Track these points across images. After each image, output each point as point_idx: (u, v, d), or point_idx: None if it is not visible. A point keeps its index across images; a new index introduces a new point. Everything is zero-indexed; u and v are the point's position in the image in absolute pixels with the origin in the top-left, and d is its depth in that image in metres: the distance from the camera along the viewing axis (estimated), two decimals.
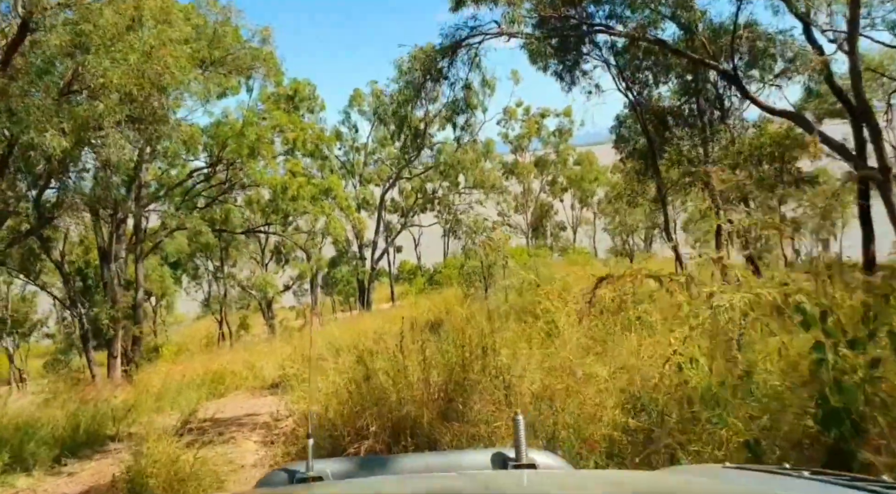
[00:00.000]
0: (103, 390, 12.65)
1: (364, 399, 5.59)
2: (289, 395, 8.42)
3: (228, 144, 16.94)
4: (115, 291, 15.32)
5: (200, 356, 16.08)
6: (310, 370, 12.39)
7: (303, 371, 10.40)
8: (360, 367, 6.07)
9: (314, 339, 18.71)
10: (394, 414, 5.30)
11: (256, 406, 11.22)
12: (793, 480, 1.17)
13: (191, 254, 31.25)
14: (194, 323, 43.02)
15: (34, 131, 10.65)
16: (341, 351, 14.14)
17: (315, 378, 7.39)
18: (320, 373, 8.05)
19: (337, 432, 5.50)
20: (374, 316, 24.93)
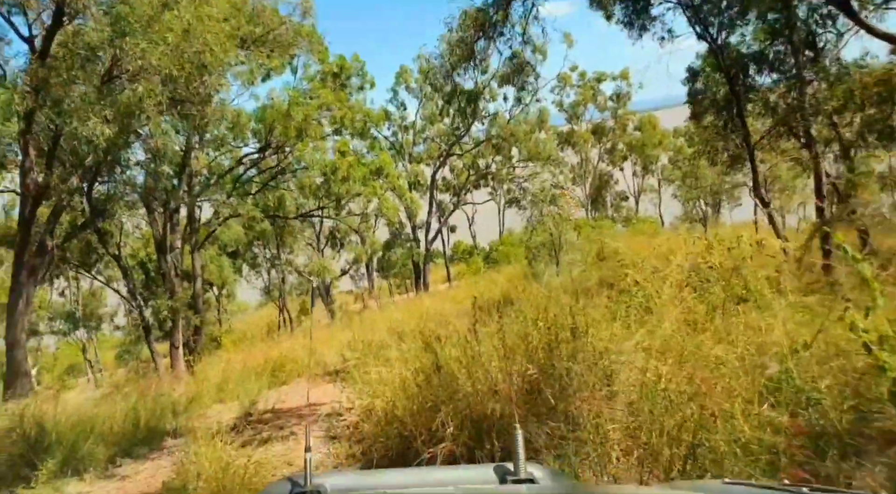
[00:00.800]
0: (164, 381, 12.48)
1: (436, 394, 4.81)
2: (350, 385, 7.80)
3: (275, 126, 16.43)
4: (173, 282, 15.16)
5: (261, 343, 15.83)
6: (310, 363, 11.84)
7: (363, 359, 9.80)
8: (429, 355, 5.30)
9: (375, 322, 18.25)
10: (474, 411, 4.50)
11: (318, 395, 10.71)
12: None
13: (248, 243, 31.43)
14: (256, 311, 43.74)
15: (77, 121, 10.30)
16: (404, 336, 13.49)
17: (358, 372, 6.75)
18: (382, 362, 7.36)
19: (407, 431, 4.76)
20: (432, 298, 24.29)
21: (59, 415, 7.63)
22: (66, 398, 9.04)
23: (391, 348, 7.86)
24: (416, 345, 6.04)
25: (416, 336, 8.52)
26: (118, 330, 30.47)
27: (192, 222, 17.04)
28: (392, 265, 36.36)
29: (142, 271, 23.72)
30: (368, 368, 6.37)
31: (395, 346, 7.23)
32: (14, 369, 11.20)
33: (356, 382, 6.41)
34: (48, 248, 11.93)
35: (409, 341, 7.83)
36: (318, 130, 16.23)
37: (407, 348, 6.23)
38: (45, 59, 10.77)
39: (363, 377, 6.28)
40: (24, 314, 11.35)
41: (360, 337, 15.19)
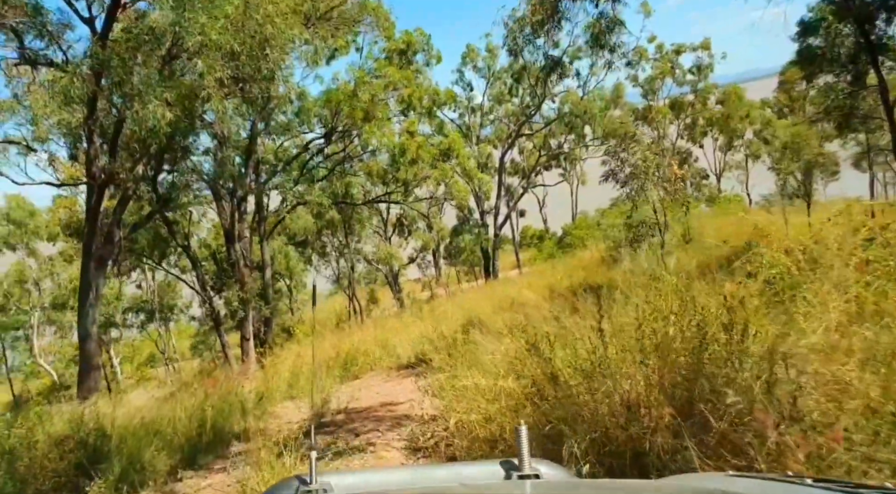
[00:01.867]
0: (234, 376, 12.04)
1: (555, 411, 3.73)
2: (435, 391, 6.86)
3: (341, 109, 15.68)
4: (242, 272, 14.73)
5: (332, 335, 15.24)
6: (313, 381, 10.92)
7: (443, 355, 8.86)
8: (536, 359, 4.21)
9: (447, 311, 17.34)
10: (610, 438, 3.41)
11: (393, 392, 9.90)
12: (796, 487, 1.17)
13: (317, 232, 31.27)
14: (327, 300, 43.98)
15: (138, 104, 9.77)
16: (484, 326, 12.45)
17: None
18: (468, 359, 6.36)
19: None
20: (504, 285, 23.14)
21: (121, 418, 7.10)
22: (130, 398, 8.53)
23: (476, 343, 6.87)
24: (512, 343, 5.00)
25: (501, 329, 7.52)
26: (194, 321, 31.08)
27: (261, 211, 16.60)
28: (460, 252, 35.40)
29: (213, 262, 23.83)
30: (456, 370, 5.41)
31: (483, 340, 6.23)
32: (86, 362, 10.95)
33: (443, 389, 5.45)
34: (116, 238, 11.60)
35: (494, 334, 6.82)
36: (385, 111, 15.36)
37: (503, 349, 5.15)
38: (106, 41, 10.31)
39: (451, 383, 5.31)
40: (94, 306, 11.06)
41: (436, 328, 14.32)
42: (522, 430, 1.53)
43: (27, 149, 12.31)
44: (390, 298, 35.49)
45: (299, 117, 16.60)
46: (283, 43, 10.93)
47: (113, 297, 22.91)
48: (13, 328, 25.75)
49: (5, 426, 6.20)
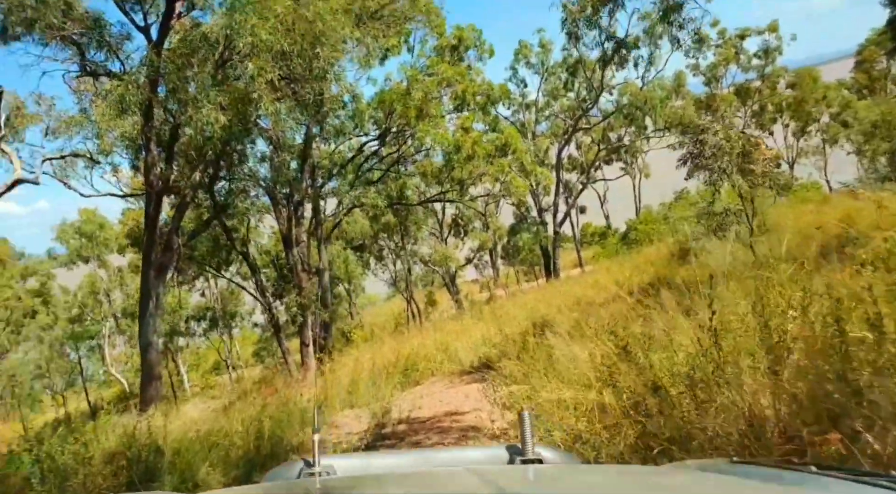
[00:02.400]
0: (293, 383, 11.83)
1: (662, 430, 3.08)
2: (499, 393, 6.28)
3: (395, 108, 15.33)
4: (300, 277, 14.57)
5: (391, 339, 14.90)
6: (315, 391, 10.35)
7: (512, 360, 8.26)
8: (630, 366, 3.56)
9: (508, 312, 16.72)
10: None
11: (457, 400, 9.37)
12: (800, 475, 1.16)
13: (374, 235, 31.21)
14: (385, 304, 44.00)
15: (192, 109, 9.63)
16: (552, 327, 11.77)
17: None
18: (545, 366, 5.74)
19: None
20: (567, 284, 22.28)
21: (176, 431, 6.85)
22: (187, 409, 8.32)
23: (551, 347, 6.23)
24: (598, 347, 4.36)
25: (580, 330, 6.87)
26: (256, 327, 31.57)
27: (317, 215, 16.44)
28: (518, 251, 34.62)
29: (274, 268, 24.03)
30: (531, 379, 4.82)
31: (559, 343, 5.58)
32: (147, 372, 10.93)
33: (517, 400, 4.86)
34: (175, 246, 11.58)
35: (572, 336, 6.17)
36: (438, 108, 14.91)
37: (587, 354, 4.50)
38: (161, 49, 10.27)
39: (526, 394, 4.71)
40: (154, 316, 11.04)
41: (499, 331, 13.71)
42: (525, 415, 1.53)
43: (91, 161, 12.49)
44: (448, 300, 35.10)
45: (353, 120, 16.36)
46: (334, 41, 10.61)
47: (176, 305, 23.42)
48: (88, 337, 26.84)
49: (59, 442, 6.02)
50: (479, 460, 1.58)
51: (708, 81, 37.01)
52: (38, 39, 10.50)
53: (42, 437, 6.52)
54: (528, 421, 1.52)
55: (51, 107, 13.66)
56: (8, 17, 10.45)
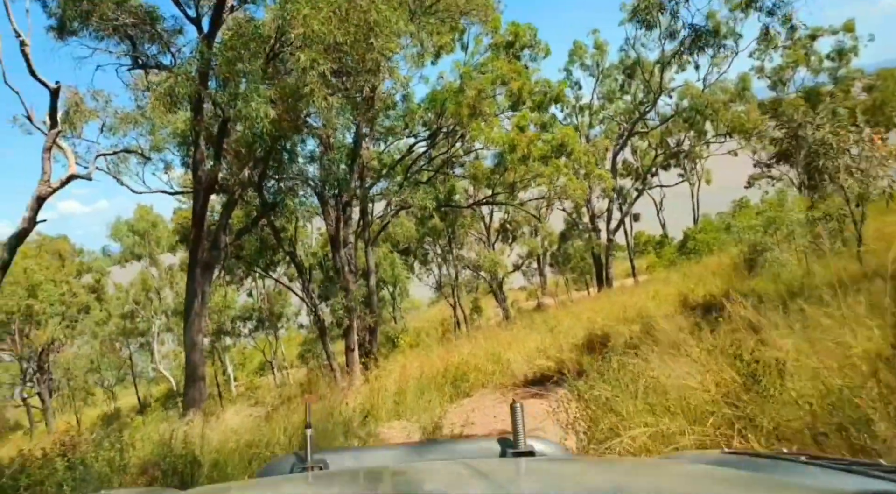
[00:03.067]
0: (338, 389, 11.37)
1: None
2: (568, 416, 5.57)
3: (446, 107, 14.79)
4: (347, 278, 14.15)
5: (438, 346, 14.32)
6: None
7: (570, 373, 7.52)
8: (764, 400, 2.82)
9: (561, 321, 15.90)
10: None
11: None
12: (791, 465, 1.18)
13: (419, 239, 30.80)
14: (429, 308, 43.54)
15: (241, 102, 9.29)
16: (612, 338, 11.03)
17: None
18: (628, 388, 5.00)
19: None
20: (622, 294, 21.23)
21: (216, 439, 6.42)
22: (229, 415, 7.90)
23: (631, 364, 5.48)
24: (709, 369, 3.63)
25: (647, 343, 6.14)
26: (302, 329, 31.55)
27: (365, 216, 16.03)
28: (568, 259, 33.61)
29: (321, 270, 23.83)
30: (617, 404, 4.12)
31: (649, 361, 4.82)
32: (191, 373, 10.64)
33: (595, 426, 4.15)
34: (222, 244, 11.30)
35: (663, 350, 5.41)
36: (492, 106, 14.28)
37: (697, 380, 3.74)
38: (212, 41, 10.00)
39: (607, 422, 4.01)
40: (199, 315, 10.75)
41: (554, 342, 12.96)
42: (517, 407, 1.53)
43: (143, 157, 12.39)
44: (494, 307, 34.36)
45: (404, 120, 15.91)
46: (388, 32, 10.14)
47: (224, 305, 23.47)
48: (138, 334, 27.29)
49: (93, 448, 5.65)
50: (470, 453, 1.57)
51: (774, 84, 35.24)
52: (93, 34, 10.38)
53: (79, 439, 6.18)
54: (520, 413, 1.53)
55: (107, 103, 13.66)
56: (65, 11, 10.41)
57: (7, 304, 20.92)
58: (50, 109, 11.14)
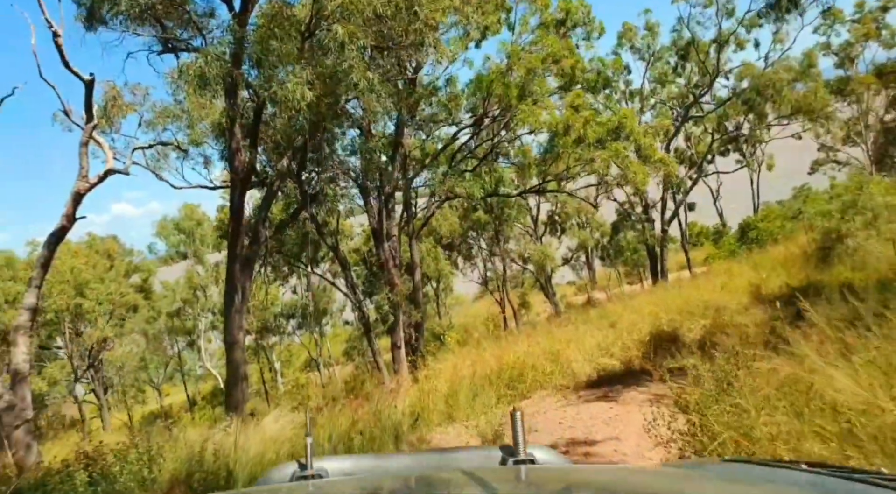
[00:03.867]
0: (385, 389, 10.69)
1: None
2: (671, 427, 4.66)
3: (493, 89, 13.89)
4: (392, 273, 13.45)
5: (489, 343, 13.48)
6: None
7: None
8: None
9: (625, 319, 14.83)
10: None
11: (582, 423, 7.77)
12: (792, 473, 1.17)
13: (463, 233, 29.99)
14: (473, 304, 42.68)
15: (276, 84, 8.64)
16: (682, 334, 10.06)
17: None
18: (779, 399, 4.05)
19: None
20: (683, 287, 19.90)
21: (254, 449, 5.77)
22: (269, 419, 7.25)
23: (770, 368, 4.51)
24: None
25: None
26: (348, 325, 31.17)
27: (408, 209, 15.30)
28: (619, 252, 32.20)
29: (364, 265, 23.29)
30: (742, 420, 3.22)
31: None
32: (233, 372, 10.11)
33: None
34: (262, 238, 10.73)
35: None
36: (543, 86, 13.30)
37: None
38: (246, 18, 9.39)
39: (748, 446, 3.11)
40: (240, 312, 10.20)
41: (617, 339, 11.96)
42: (517, 415, 1.52)
43: (180, 150, 11.94)
44: (540, 302, 33.27)
45: (447, 107, 15.09)
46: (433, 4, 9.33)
47: (268, 302, 23.18)
48: (186, 332, 27.39)
49: (118, 460, 5.06)
50: (471, 461, 1.55)
51: (841, 61, 33.00)
52: (122, 19, 9.91)
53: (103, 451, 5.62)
54: (520, 421, 1.52)
55: (145, 96, 13.32)
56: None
57: (56, 302, 21.20)
58: (85, 101, 10.78)
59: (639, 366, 10.31)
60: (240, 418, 9.11)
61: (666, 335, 11.57)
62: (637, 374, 10.14)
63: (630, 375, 10.11)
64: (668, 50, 30.04)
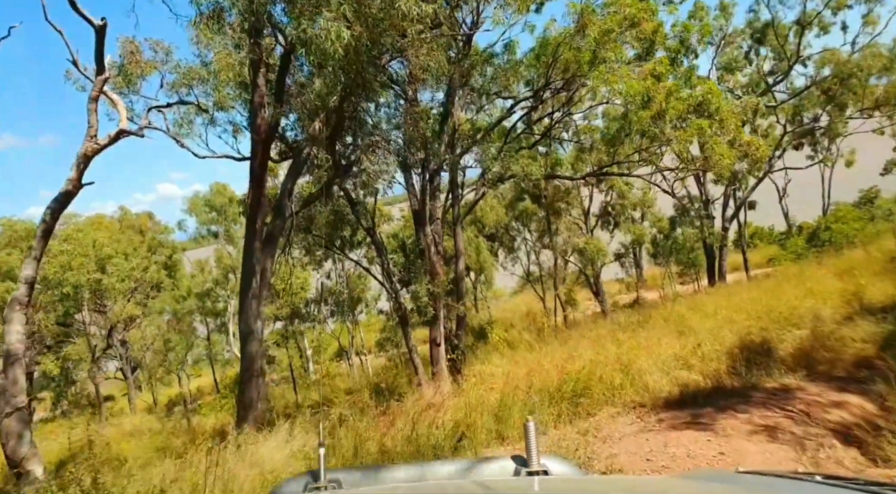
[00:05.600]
0: (421, 396, 9.14)
1: None
2: None
3: (559, 54, 12.07)
4: (433, 260, 11.85)
5: (542, 345, 11.79)
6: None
7: None
8: None
9: (695, 324, 12.91)
10: None
11: (674, 459, 6.05)
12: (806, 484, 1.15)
13: (508, 223, 28.26)
14: (511, 298, 40.84)
15: (305, 20, 7.06)
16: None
17: None
18: None
19: None
20: (747, 290, 17.78)
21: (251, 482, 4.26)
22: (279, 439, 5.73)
23: None
24: None
25: None
26: (381, 314, 29.78)
27: (455, 189, 13.66)
28: (674, 250, 29.88)
29: (402, 253, 21.80)
30: None
31: None
32: (246, 367, 8.67)
33: None
34: (287, 212, 9.24)
35: None
36: (619, 51, 11.43)
37: None
38: None
39: None
40: (258, 297, 8.75)
41: (696, 349, 10.11)
42: (531, 425, 1.54)
43: (201, 110, 10.53)
44: (584, 299, 31.30)
45: (505, 75, 13.36)
46: None
47: (298, 287, 21.88)
48: (215, 314, 26.42)
49: None
50: (484, 472, 1.54)
51: None
52: None
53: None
54: (533, 432, 1.52)
55: (168, 54, 11.98)
56: None
57: (75, 276, 20.26)
58: (96, 50, 9.43)
59: (728, 383, 8.50)
60: (248, 427, 7.66)
61: (755, 347, 9.67)
62: (727, 393, 8.32)
63: (718, 393, 8.30)
64: (741, 33, 27.60)
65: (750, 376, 8.60)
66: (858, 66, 24.35)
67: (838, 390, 8.04)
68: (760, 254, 34.85)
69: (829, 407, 7.32)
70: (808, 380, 8.60)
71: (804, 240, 26.34)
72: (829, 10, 25.79)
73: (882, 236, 21.57)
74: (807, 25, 24.68)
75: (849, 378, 8.54)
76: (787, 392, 8.05)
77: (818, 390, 8.12)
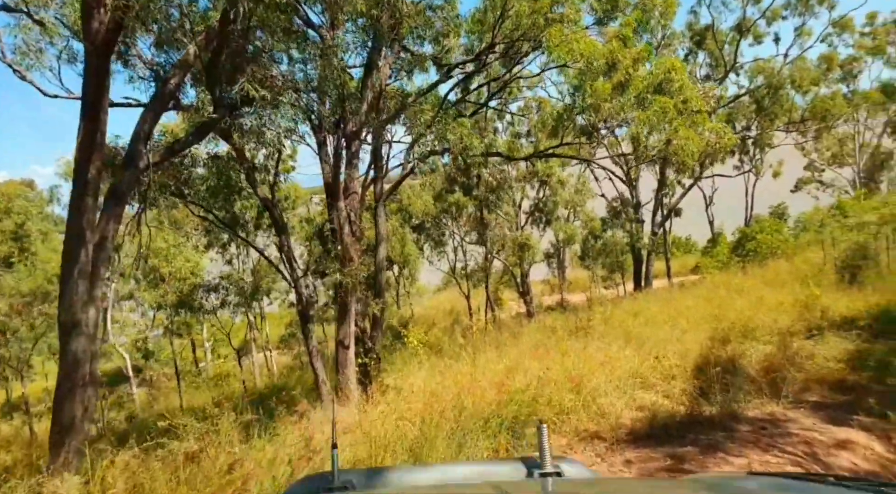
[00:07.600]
0: (321, 418, 6.99)
1: None
2: None
3: (507, 11, 10.18)
4: (346, 242, 9.65)
5: (473, 352, 9.85)
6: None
7: None
8: None
9: (645, 333, 11.39)
10: None
11: None
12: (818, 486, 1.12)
13: (435, 216, 26.25)
14: (435, 295, 38.96)
15: None
16: None
17: None
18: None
19: None
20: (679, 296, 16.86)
21: None
22: None
23: None
24: None
25: None
26: (292, 307, 27.03)
27: (378, 161, 11.50)
28: (602, 252, 28.98)
29: (318, 240, 19.34)
30: None
31: None
32: (66, 373, 6.13)
33: None
34: (142, 162, 6.75)
35: None
36: (576, 11, 9.66)
37: None
38: None
39: None
40: (91, 275, 6.24)
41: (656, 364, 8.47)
42: (543, 428, 1.52)
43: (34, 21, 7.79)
44: (510, 299, 29.94)
45: (443, 29, 11.33)
46: None
47: (189, 271, 18.89)
48: None
49: None
50: (497, 474, 1.53)
51: (844, 76, 30.44)
52: None
53: None
54: (546, 434, 1.52)
55: None
56: None
57: None
58: None
59: (704, 411, 6.89)
60: (64, 460, 5.24)
61: (721, 363, 8.20)
62: (704, 423, 6.71)
63: (694, 424, 6.68)
64: (679, 37, 26.99)
65: (724, 399, 7.05)
66: (791, 77, 24.24)
67: (832, 421, 6.65)
68: (678, 263, 34.85)
69: (834, 448, 5.85)
70: (793, 408, 7.17)
71: (729, 249, 26.07)
72: (764, 19, 25.62)
73: (805, 249, 21.49)
74: (744, 33, 24.30)
75: (836, 406, 7.20)
76: (776, 425, 6.58)
77: (810, 421, 6.69)
